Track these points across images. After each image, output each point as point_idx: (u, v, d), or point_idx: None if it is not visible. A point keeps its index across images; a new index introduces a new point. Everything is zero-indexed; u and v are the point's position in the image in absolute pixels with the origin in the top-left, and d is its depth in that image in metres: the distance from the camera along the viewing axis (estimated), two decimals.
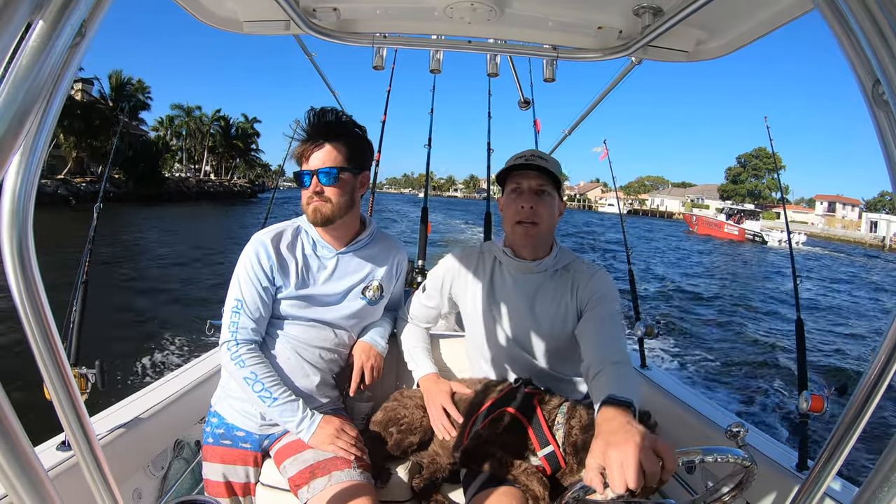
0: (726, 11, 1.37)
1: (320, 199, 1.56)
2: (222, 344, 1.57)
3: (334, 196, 1.57)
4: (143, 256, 15.83)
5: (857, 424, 0.65)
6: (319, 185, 1.56)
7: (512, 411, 1.48)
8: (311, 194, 1.56)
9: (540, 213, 1.56)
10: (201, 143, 53.85)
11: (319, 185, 1.56)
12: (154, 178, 40.71)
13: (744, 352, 9.52)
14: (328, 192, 1.56)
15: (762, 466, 1.13)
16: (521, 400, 1.50)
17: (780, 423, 6.29)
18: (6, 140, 0.43)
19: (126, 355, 6.70)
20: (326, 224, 1.60)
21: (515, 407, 1.48)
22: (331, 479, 1.45)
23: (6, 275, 0.55)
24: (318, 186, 1.56)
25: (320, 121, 1.59)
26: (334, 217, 1.59)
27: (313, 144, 1.56)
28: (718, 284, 18.25)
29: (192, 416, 1.96)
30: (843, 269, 27.52)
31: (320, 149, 1.56)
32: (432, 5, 1.50)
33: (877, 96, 0.53)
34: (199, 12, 1.54)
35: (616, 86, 2.26)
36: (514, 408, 1.48)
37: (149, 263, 14.68)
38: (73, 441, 0.65)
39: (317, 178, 1.56)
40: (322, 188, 1.56)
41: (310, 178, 1.56)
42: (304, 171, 1.57)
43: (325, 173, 1.55)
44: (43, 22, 0.45)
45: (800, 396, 1.60)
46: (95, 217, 1.89)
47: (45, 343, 0.59)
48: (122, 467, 1.63)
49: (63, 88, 0.50)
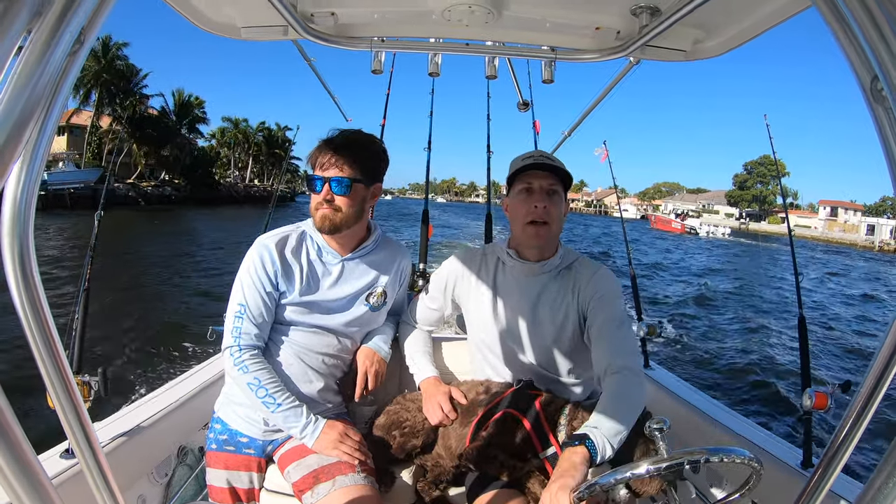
0: (723, 10, 1.37)
1: (330, 206, 1.56)
2: (225, 349, 1.57)
3: (344, 206, 1.57)
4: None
5: (861, 421, 0.65)
6: (331, 192, 1.55)
7: (514, 413, 1.47)
8: (322, 201, 1.56)
9: (551, 213, 1.56)
10: (247, 151, 59.87)
11: (331, 192, 1.55)
12: (209, 184, 48.42)
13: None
14: (339, 201, 1.56)
15: (767, 465, 1.12)
16: (523, 401, 1.49)
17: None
18: (7, 148, 0.43)
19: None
20: (333, 232, 1.60)
21: (517, 409, 1.48)
22: (335, 484, 1.45)
23: (7, 282, 0.55)
24: (328, 194, 1.55)
25: (342, 132, 1.61)
26: (342, 226, 1.59)
27: (330, 152, 1.56)
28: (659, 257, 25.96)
29: (196, 423, 1.96)
30: (778, 257, 34.69)
31: (336, 157, 1.56)
32: (430, 9, 1.50)
33: (875, 92, 0.52)
34: (197, 18, 1.54)
35: (615, 87, 2.26)
36: (515, 409, 1.48)
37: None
38: (77, 448, 0.65)
39: (328, 186, 1.55)
40: (333, 196, 1.56)
41: (322, 185, 1.56)
42: (316, 177, 1.57)
43: (338, 182, 1.55)
44: (42, 29, 0.45)
45: (803, 394, 1.60)
46: (97, 225, 1.89)
47: (47, 350, 0.58)
48: (126, 474, 1.63)
49: (62, 96, 0.50)
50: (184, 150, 46.48)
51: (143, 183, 41.16)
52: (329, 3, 1.53)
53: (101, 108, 39.92)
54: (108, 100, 39.97)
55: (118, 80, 39.90)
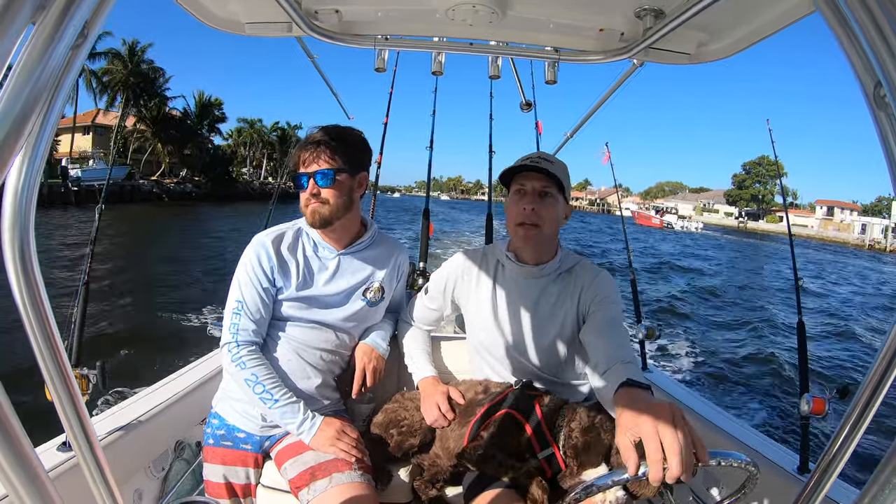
0: (728, 13, 1.36)
1: (317, 200, 1.58)
2: (223, 345, 1.58)
3: (332, 197, 1.58)
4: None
5: (858, 427, 0.65)
6: (317, 187, 1.57)
7: (513, 413, 1.47)
8: (309, 196, 1.58)
9: (542, 216, 1.54)
10: (261, 150, 62.18)
11: (317, 187, 1.57)
12: (227, 181, 51.61)
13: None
14: (325, 193, 1.58)
15: (763, 469, 1.12)
16: (522, 402, 1.50)
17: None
18: (8, 142, 0.43)
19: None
20: (325, 226, 1.61)
21: (516, 409, 1.48)
22: (331, 481, 1.45)
23: (7, 276, 0.55)
24: (315, 188, 1.57)
25: (321, 128, 1.63)
26: (332, 218, 1.60)
27: (310, 149, 1.59)
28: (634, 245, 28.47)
29: (193, 418, 1.96)
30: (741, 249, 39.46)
31: (317, 152, 1.58)
32: (434, 7, 1.49)
33: (878, 98, 0.52)
34: (202, 14, 1.54)
35: (618, 88, 2.26)
36: (514, 409, 1.48)
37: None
38: (74, 442, 0.65)
39: (314, 181, 1.57)
40: (319, 190, 1.57)
41: (307, 181, 1.58)
42: (301, 174, 1.60)
43: (322, 175, 1.57)
44: (45, 23, 0.45)
45: (801, 399, 1.60)
46: (97, 219, 1.89)
47: (46, 343, 0.58)
48: (124, 468, 1.63)
49: (65, 90, 0.50)
50: (202, 149, 49.71)
51: (166, 180, 44.14)
52: (333, 1, 1.53)
53: (127, 108, 41.62)
54: (133, 101, 41.81)
55: (143, 83, 42.06)
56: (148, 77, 42.84)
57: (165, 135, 44.59)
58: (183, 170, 47.87)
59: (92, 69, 39.52)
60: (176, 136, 45.63)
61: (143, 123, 43.46)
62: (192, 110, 49.55)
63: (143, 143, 44.34)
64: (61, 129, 39.53)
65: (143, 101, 42.55)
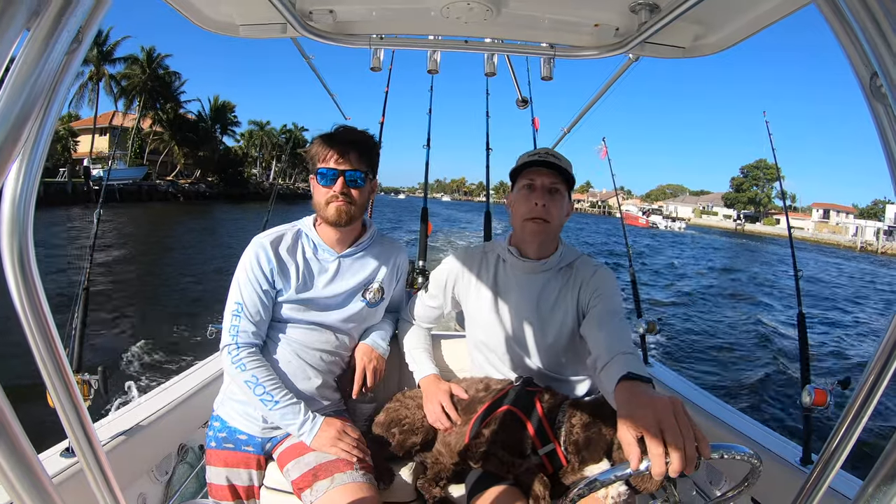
0: (723, 6, 1.36)
1: (345, 199, 1.59)
2: (223, 347, 1.57)
3: (359, 198, 1.62)
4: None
5: (860, 418, 0.65)
6: (346, 186, 1.59)
7: (514, 410, 1.47)
8: (337, 194, 1.58)
9: (551, 212, 1.56)
10: (270, 152, 64.34)
11: (346, 186, 1.59)
12: (239, 182, 54.76)
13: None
14: (353, 193, 1.60)
15: (766, 461, 1.13)
16: (523, 398, 1.50)
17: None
18: (5, 147, 0.43)
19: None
20: (349, 224, 1.63)
21: (516, 405, 1.48)
22: (333, 482, 1.45)
23: (7, 281, 0.55)
24: (344, 188, 1.58)
25: (346, 128, 1.66)
26: (355, 218, 1.64)
27: (339, 146, 1.59)
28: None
29: (196, 421, 1.96)
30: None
31: (348, 152, 1.59)
32: (428, 6, 1.49)
33: (875, 89, 0.52)
34: (195, 16, 1.53)
35: (614, 83, 2.26)
36: (515, 406, 1.48)
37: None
38: (77, 447, 0.65)
39: (343, 179, 1.58)
40: (348, 189, 1.59)
41: (336, 177, 1.58)
42: (329, 170, 1.59)
43: (355, 175, 1.59)
44: (40, 28, 0.45)
45: (802, 390, 1.60)
46: (96, 223, 1.89)
47: (47, 349, 0.58)
48: (127, 473, 1.63)
49: (61, 94, 0.50)
50: (214, 151, 52.26)
51: (181, 180, 46.99)
52: (327, 1, 1.52)
53: (144, 111, 43.34)
54: (150, 104, 43.71)
55: (160, 86, 43.69)
56: (165, 81, 44.41)
57: (181, 136, 46.73)
58: (196, 170, 50.46)
59: (111, 73, 40.74)
60: (192, 138, 47.90)
61: (160, 125, 45.37)
62: (207, 113, 51.98)
63: (159, 144, 46.29)
64: (81, 130, 41.07)
65: (161, 104, 44.44)
